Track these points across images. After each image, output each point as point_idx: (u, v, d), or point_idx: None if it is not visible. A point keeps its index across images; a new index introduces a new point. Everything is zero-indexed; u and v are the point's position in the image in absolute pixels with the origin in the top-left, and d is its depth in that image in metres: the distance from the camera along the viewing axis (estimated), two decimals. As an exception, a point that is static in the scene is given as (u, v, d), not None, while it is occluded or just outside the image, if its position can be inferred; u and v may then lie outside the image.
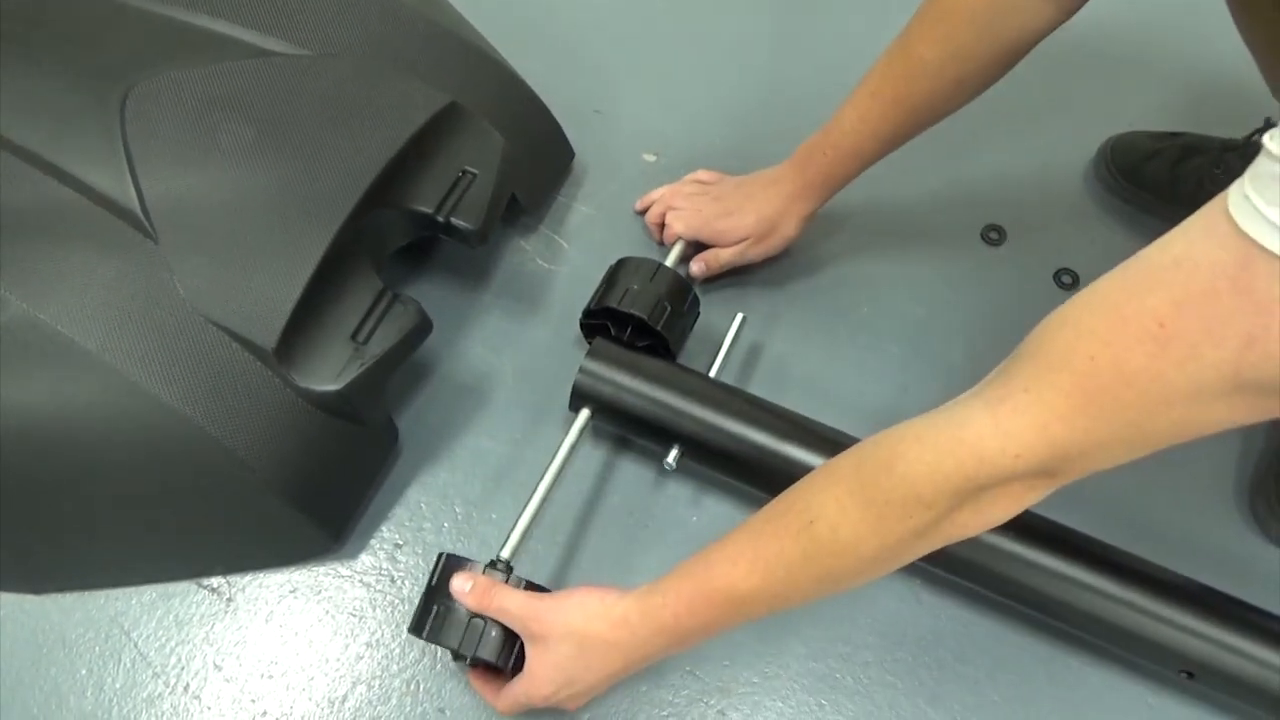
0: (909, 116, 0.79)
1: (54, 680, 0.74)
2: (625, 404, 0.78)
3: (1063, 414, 0.47)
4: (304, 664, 0.75)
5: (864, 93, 0.80)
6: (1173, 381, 0.43)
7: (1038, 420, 0.48)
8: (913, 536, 0.54)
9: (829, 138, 0.83)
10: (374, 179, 0.76)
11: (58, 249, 0.71)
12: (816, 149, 0.85)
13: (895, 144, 0.82)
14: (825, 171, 0.85)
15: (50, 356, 0.68)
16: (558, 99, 0.98)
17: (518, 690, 0.65)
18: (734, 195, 0.91)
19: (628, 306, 0.79)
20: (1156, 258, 0.45)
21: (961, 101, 0.78)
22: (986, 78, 0.76)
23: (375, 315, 0.75)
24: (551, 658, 0.63)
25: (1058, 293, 0.97)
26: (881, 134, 0.81)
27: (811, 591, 0.58)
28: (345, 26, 0.84)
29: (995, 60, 0.74)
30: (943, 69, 0.75)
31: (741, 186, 0.92)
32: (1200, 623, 0.68)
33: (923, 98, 0.77)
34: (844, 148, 0.83)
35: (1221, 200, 0.41)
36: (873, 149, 0.82)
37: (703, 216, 0.91)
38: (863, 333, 0.93)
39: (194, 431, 0.69)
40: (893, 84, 0.78)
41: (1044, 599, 0.71)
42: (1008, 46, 0.73)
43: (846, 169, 0.84)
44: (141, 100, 0.76)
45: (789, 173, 0.87)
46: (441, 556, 0.68)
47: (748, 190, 0.90)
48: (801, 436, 0.75)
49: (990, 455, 0.49)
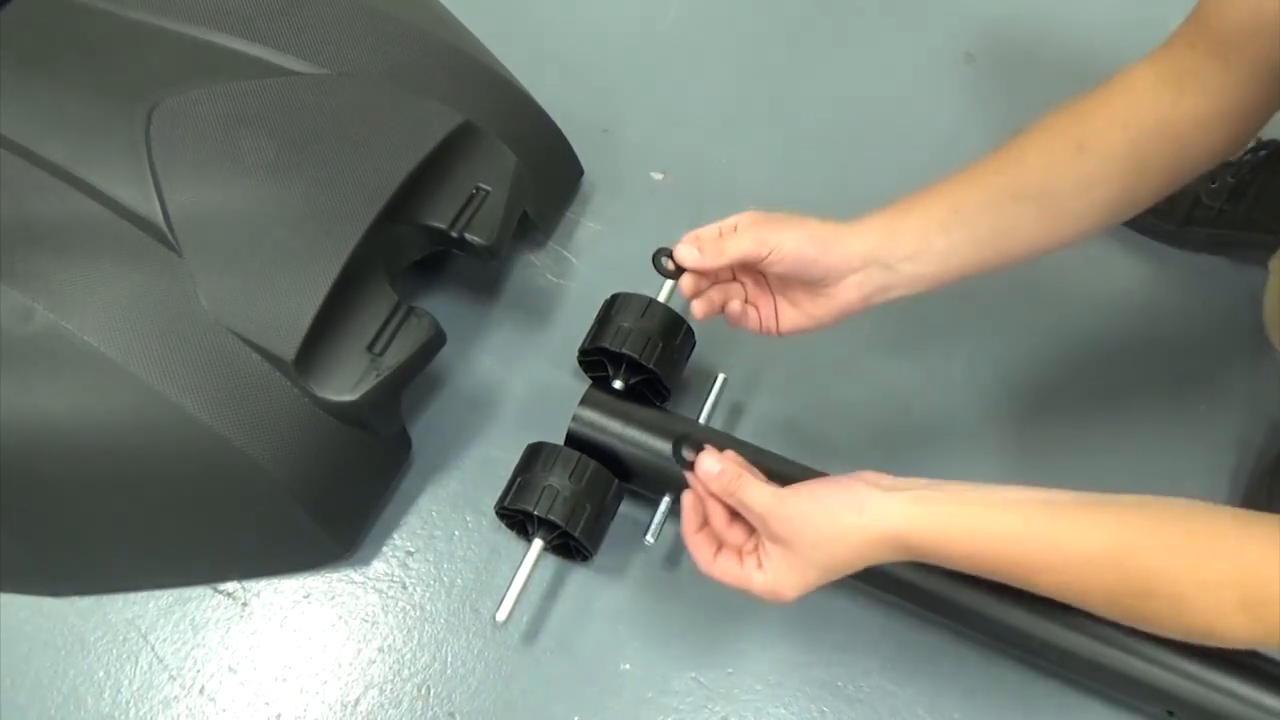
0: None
1: (72, 681, 0.75)
2: (617, 453, 0.78)
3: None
4: (317, 668, 0.77)
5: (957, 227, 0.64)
6: None
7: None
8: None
9: (905, 214, 0.64)
10: (391, 195, 0.78)
11: (84, 261, 0.73)
12: (889, 212, 0.65)
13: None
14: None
15: (76, 365, 0.70)
16: (567, 118, 1.00)
17: (757, 584, 0.59)
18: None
19: (619, 345, 0.79)
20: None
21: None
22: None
23: (391, 327, 0.77)
24: (797, 564, 0.58)
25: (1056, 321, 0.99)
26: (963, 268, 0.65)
27: (1100, 607, 0.56)
28: (363, 47, 0.87)
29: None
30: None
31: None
32: (1184, 661, 0.68)
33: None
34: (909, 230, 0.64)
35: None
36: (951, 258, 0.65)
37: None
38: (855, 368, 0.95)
39: (214, 439, 0.71)
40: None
41: (1025, 638, 0.71)
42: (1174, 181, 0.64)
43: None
44: (166, 117, 0.78)
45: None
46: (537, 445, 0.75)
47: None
48: (795, 480, 0.75)
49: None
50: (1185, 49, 0.62)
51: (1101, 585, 0.54)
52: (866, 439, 0.90)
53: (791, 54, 1.19)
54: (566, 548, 0.77)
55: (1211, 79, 0.61)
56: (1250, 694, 0.68)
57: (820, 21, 1.23)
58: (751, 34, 1.21)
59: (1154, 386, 0.93)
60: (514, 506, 0.75)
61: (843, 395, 0.92)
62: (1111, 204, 0.63)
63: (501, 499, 0.76)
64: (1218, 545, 0.52)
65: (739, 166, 1.07)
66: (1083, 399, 0.92)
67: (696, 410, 0.84)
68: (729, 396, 0.90)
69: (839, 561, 0.58)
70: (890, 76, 1.16)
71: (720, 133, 1.10)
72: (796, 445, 0.81)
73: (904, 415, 0.91)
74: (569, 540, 0.75)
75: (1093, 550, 0.54)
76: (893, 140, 1.09)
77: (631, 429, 0.79)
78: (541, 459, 0.76)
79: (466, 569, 0.82)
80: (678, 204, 1.02)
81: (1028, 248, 0.65)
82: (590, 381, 0.83)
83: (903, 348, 0.95)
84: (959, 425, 0.91)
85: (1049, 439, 0.90)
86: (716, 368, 0.88)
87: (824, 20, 1.23)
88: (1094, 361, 0.95)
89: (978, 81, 1.13)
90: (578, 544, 0.75)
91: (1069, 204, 0.63)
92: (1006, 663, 0.79)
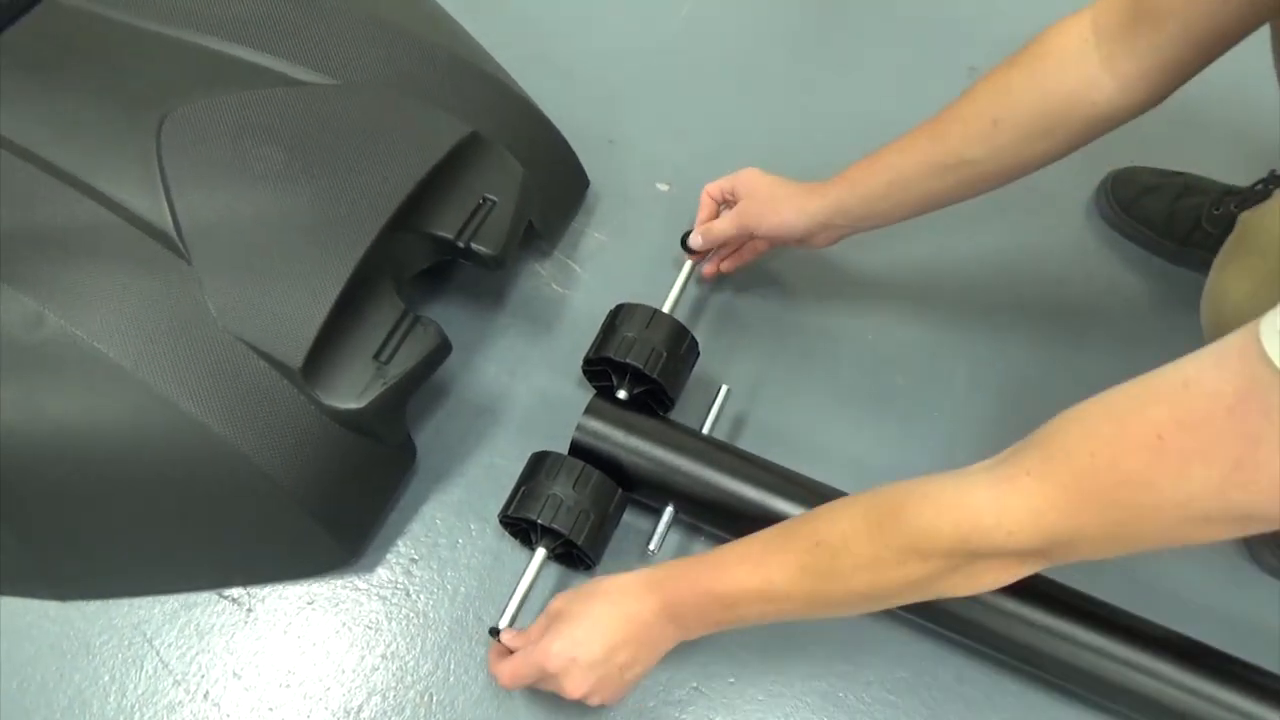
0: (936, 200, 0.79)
1: (78, 686, 0.76)
2: (621, 462, 0.79)
3: (1058, 504, 0.50)
4: (321, 674, 0.77)
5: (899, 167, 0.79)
6: (1163, 490, 0.47)
7: (1035, 505, 0.51)
8: (904, 583, 0.57)
9: (847, 180, 0.82)
10: (399, 205, 0.79)
11: (95, 268, 0.73)
12: (840, 178, 0.83)
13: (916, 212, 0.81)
14: (843, 203, 0.83)
15: (85, 371, 0.71)
16: (574, 129, 1.01)
17: (529, 658, 0.67)
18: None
19: (623, 356, 0.80)
20: (1171, 375, 0.48)
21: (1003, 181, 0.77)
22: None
23: (397, 336, 0.78)
24: (562, 626, 0.66)
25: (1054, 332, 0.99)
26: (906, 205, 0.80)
27: (801, 608, 0.61)
28: (372, 58, 0.87)
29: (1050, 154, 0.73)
30: (996, 174, 0.75)
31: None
32: (1192, 678, 0.69)
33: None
34: (858, 192, 0.81)
35: (1242, 334, 0.44)
36: (888, 205, 0.81)
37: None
38: (860, 379, 0.96)
39: (221, 445, 0.71)
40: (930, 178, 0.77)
41: (1032, 652, 0.72)
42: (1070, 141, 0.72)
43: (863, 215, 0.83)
44: (177, 126, 0.79)
45: (819, 185, 0.85)
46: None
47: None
48: (794, 491, 0.77)
49: (985, 527, 0.53)
50: (1121, 4, 0.67)
51: (784, 562, 0.60)
52: (868, 450, 0.90)
53: (796, 67, 1.20)
54: (570, 556, 0.78)
55: (1140, 38, 0.66)
56: (1252, 709, 0.68)
57: (825, 35, 1.23)
58: (756, 48, 1.21)
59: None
60: (518, 515, 0.75)
61: (844, 406, 0.93)
62: (1023, 165, 0.74)
63: (505, 507, 0.77)
64: (854, 497, 0.61)
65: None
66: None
67: (700, 420, 0.85)
68: (732, 407, 0.91)
69: (599, 611, 0.65)
70: (895, 90, 1.17)
71: (725, 144, 1.11)
72: (798, 456, 0.81)
73: (905, 426, 0.92)
74: (572, 549, 0.75)
75: (777, 529, 0.63)
76: (897, 153, 1.09)
77: (635, 439, 0.79)
78: (545, 468, 0.76)
79: (470, 577, 0.82)
80: (682, 215, 1.02)
81: (949, 202, 0.79)
82: (595, 391, 0.83)
83: (905, 360, 0.96)
84: (960, 436, 0.91)
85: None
86: (720, 378, 0.89)
87: (829, 34, 1.24)
88: (1098, 376, 0.95)
89: (982, 95, 1.14)
90: (581, 553, 0.75)
91: (983, 168, 0.75)
92: (1006, 674, 0.79)
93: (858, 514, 0.59)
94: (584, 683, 0.65)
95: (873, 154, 0.81)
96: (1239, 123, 1.07)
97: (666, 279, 0.92)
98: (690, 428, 0.82)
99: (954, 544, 0.54)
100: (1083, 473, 0.49)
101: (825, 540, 0.59)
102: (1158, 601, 0.75)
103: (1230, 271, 0.68)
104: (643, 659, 0.66)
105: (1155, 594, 0.80)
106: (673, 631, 0.65)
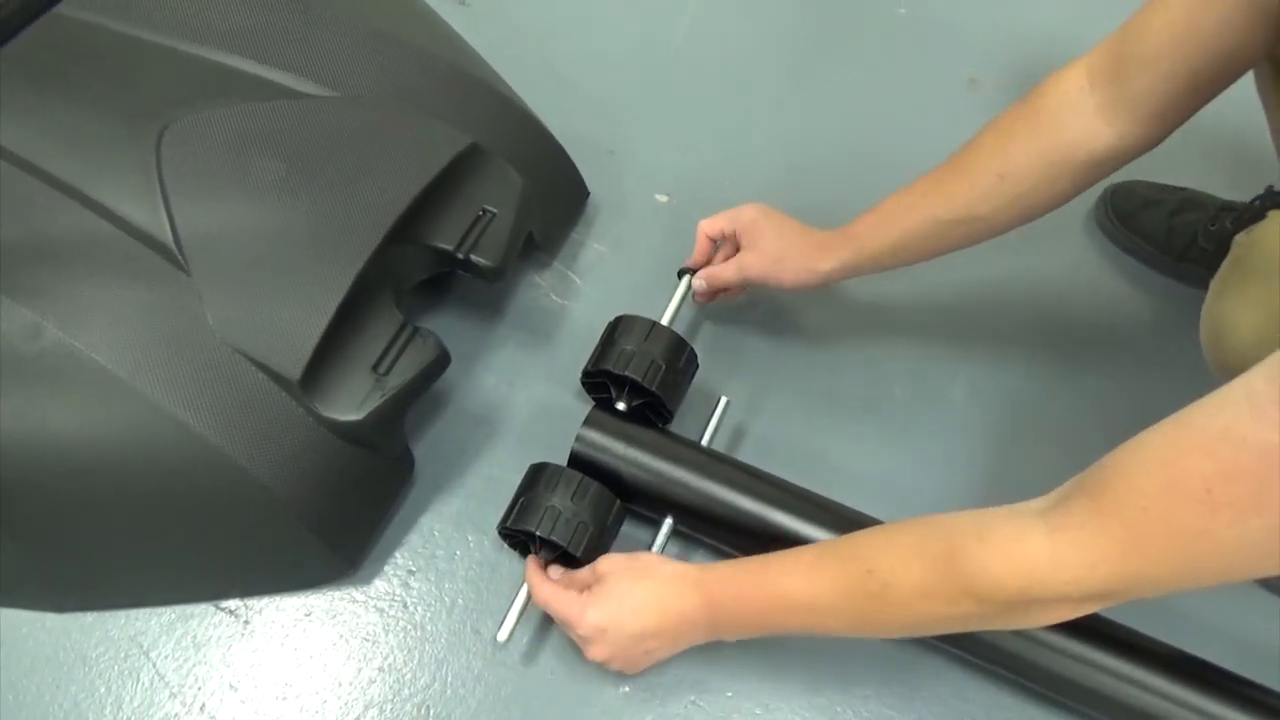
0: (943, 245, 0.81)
1: (74, 698, 0.75)
2: (620, 474, 0.79)
3: (1113, 556, 0.51)
4: (318, 687, 0.77)
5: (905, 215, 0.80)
6: (1221, 538, 0.47)
7: (1091, 557, 0.51)
8: (955, 618, 0.58)
9: (856, 238, 0.83)
10: (398, 216, 0.79)
11: (93, 279, 0.73)
12: (847, 235, 0.84)
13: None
14: (848, 257, 0.84)
15: (83, 382, 0.71)
16: (573, 141, 1.01)
17: (564, 606, 0.69)
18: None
19: (622, 368, 0.80)
20: (1204, 423, 0.48)
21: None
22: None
23: (396, 348, 0.78)
24: (603, 599, 0.68)
25: (1056, 343, 0.99)
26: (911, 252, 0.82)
27: (847, 624, 0.63)
28: (373, 70, 0.88)
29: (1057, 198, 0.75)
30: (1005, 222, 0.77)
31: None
32: (1198, 697, 0.69)
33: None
34: (867, 251, 0.82)
35: (1270, 381, 0.44)
36: (896, 261, 0.83)
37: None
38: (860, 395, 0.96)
39: (219, 457, 0.71)
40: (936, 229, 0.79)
41: (1031, 668, 0.72)
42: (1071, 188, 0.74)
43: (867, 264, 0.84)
44: (176, 137, 0.79)
45: (825, 240, 0.86)
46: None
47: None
48: (793, 504, 0.77)
49: (1044, 577, 0.53)
50: (1117, 48, 0.68)
51: (835, 578, 0.62)
52: (867, 462, 0.90)
53: (796, 78, 1.20)
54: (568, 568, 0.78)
55: (1132, 83, 0.67)
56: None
57: (826, 46, 1.24)
58: (756, 58, 1.22)
59: (1155, 414, 0.93)
60: (516, 527, 0.75)
61: (843, 418, 0.93)
62: (1027, 214, 0.76)
63: (504, 519, 0.77)
64: (898, 529, 0.62)
65: (743, 189, 1.07)
66: (1084, 426, 0.92)
67: (699, 431, 0.85)
68: (731, 419, 0.91)
69: (638, 597, 0.67)
70: (895, 101, 1.17)
71: (725, 155, 1.11)
72: (797, 468, 0.81)
73: (904, 438, 0.92)
74: (571, 561, 0.75)
75: (823, 549, 0.65)
76: (897, 164, 1.08)
77: (634, 450, 0.79)
78: (544, 479, 0.76)
79: (468, 589, 0.82)
80: (682, 226, 1.02)
81: (956, 249, 0.81)
82: (593, 403, 0.83)
83: (904, 372, 0.96)
84: (959, 449, 0.91)
85: (1048, 464, 0.90)
86: (719, 390, 0.89)
87: (829, 45, 1.24)
88: (1097, 389, 0.95)
89: (982, 106, 1.14)
90: (579, 565, 0.75)
91: (991, 221, 0.76)
92: (1004, 688, 0.79)
93: (909, 548, 0.59)
94: (607, 653, 0.68)
95: (878, 207, 0.81)
96: (1242, 136, 1.07)
97: (666, 290, 0.92)
98: (689, 439, 0.82)
99: (1014, 594, 0.54)
100: (1137, 526, 0.50)
101: (877, 570, 0.60)
102: (1165, 620, 0.75)
103: (1230, 299, 0.68)
104: (669, 647, 0.69)
105: (1163, 613, 0.79)
106: (706, 631, 0.68)
